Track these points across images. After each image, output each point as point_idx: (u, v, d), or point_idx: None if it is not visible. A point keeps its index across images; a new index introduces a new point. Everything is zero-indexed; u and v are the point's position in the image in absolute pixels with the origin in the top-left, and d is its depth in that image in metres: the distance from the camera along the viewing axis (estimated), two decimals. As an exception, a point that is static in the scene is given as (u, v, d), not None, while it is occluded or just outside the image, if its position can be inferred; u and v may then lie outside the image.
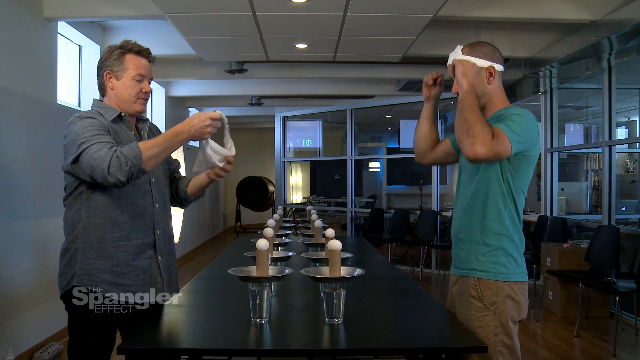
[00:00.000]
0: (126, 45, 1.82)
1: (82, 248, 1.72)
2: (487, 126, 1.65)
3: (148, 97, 1.88)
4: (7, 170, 3.38)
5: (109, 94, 1.84)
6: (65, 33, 4.38)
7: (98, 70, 1.85)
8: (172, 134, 1.69)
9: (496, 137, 1.64)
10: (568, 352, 3.91)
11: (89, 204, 1.73)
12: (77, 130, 1.67)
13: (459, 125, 1.69)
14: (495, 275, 1.72)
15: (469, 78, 1.75)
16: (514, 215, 1.76)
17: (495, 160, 1.69)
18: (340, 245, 1.61)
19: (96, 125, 1.70)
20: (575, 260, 4.68)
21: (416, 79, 6.15)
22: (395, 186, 11.49)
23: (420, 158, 2.04)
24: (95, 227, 1.72)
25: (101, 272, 1.71)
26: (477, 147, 1.62)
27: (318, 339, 1.58)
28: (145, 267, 1.80)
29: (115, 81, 1.82)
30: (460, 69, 1.78)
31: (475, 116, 1.67)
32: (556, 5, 4.02)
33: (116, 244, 1.73)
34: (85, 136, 1.65)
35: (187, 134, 1.68)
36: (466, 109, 1.70)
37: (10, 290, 3.42)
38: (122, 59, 1.81)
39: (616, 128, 5.43)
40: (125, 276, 1.74)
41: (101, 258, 1.72)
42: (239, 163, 13.67)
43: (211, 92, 7.14)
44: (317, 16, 3.75)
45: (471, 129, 1.65)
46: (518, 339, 1.75)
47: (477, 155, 1.63)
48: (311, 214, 2.98)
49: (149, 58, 1.87)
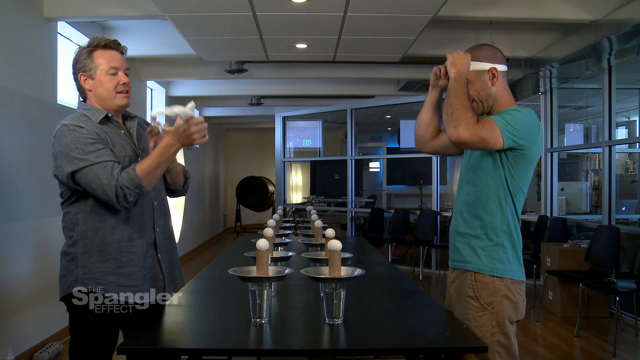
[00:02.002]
0: (92, 42, 1.79)
1: (83, 253, 1.71)
2: (471, 112, 1.67)
3: (128, 89, 1.83)
4: (7, 170, 3.38)
5: (89, 95, 1.81)
6: (65, 33, 4.38)
7: (73, 75, 1.82)
8: (163, 149, 1.70)
9: (482, 123, 1.66)
10: (568, 352, 3.91)
11: (86, 209, 1.73)
12: (69, 144, 1.66)
13: (445, 110, 1.71)
14: (493, 270, 1.73)
15: (457, 67, 1.76)
16: (514, 213, 1.77)
17: (483, 147, 1.69)
18: (340, 245, 1.61)
19: (89, 137, 1.68)
20: (575, 260, 4.68)
21: (416, 79, 6.15)
22: (395, 186, 11.49)
23: (421, 145, 2.01)
24: (95, 232, 1.72)
25: (106, 274, 1.71)
26: (459, 130, 1.64)
27: (318, 339, 1.58)
28: (149, 266, 1.80)
29: (91, 81, 1.78)
30: (450, 59, 1.78)
31: (460, 102, 1.69)
32: (556, 5, 4.02)
33: (119, 245, 1.73)
34: (80, 151, 1.65)
35: (176, 145, 1.71)
36: (452, 94, 1.72)
37: (11, 290, 3.42)
38: (91, 57, 1.77)
39: (616, 128, 5.43)
40: (131, 277, 1.74)
41: (104, 261, 1.71)
42: (239, 163, 13.68)
43: (211, 92, 7.14)
44: (317, 16, 3.75)
45: (455, 113, 1.67)
46: (516, 339, 1.75)
47: (459, 137, 1.64)
48: (311, 214, 2.98)
49: (119, 49, 1.83)
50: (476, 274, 1.75)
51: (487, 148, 1.69)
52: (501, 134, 1.65)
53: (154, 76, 6.16)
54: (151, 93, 6.86)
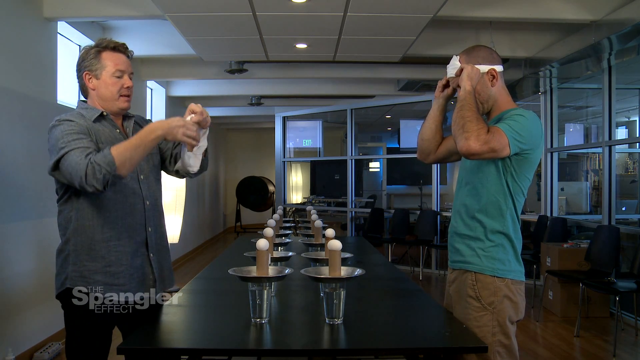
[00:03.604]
0: (101, 43, 1.80)
1: (74, 250, 1.72)
2: (482, 123, 1.68)
3: (130, 93, 1.85)
4: (7, 170, 3.38)
5: (91, 94, 1.82)
6: (65, 33, 4.38)
7: (77, 72, 1.83)
8: (145, 132, 1.67)
9: (491, 133, 1.67)
10: (568, 352, 3.91)
11: (78, 206, 1.73)
12: (57, 135, 1.67)
13: (456, 122, 1.72)
14: (493, 271, 1.73)
15: (473, 81, 1.78)
16: (514, 214, 1.77)
17: (492, 156, 1.70)
18: (340, 245, 1.61)
19: (75, 128, 1.68)
20: (575, 260, 4.68)
21: (416, 79, 6.15)
22: (395, 186, 11.49)
23: (424, 157, 2.03)
24: (85, 229, 1.72)
25: (94, 273, 1.71)
26: (470, 141, 1.65)
27: (318, 339, 1.58)
28: (138, 266, 1.79)
29: (95, 81, 1.79)
30: (467, 71, 1.79)
31: (472, 114, 1.70)
32: (556, 5, 4.02)
33: (107, 244, 1.73)
34: (64, 141, 1.64)
35: (162, 130, 1.67)
36: (465, 107, 1.72)
37: (10, 290, 3.42)
38: (99, 57, 1.78)
39: (616, 128, 5.43)
40: (118, 276, 1.74)
41: (93, 259, 1.71)
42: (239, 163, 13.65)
43: (211, 92, 7.14)
44: (317, 16, 3.75)
45: (466, 125, 1.68)
46: (516, 339, 1.76)
47: (470, 149, 1.65)
48: (311, 214, 2.98)
49: (127, 53, 1.84)
50: (477, 274, 1.75)
51: (496, 157, 1.71)
52: (508, 142, 1.67)
53: (154, 76, 6.16)
54: (151, 93, 6.86)
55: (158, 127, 1.67)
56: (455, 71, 1.84)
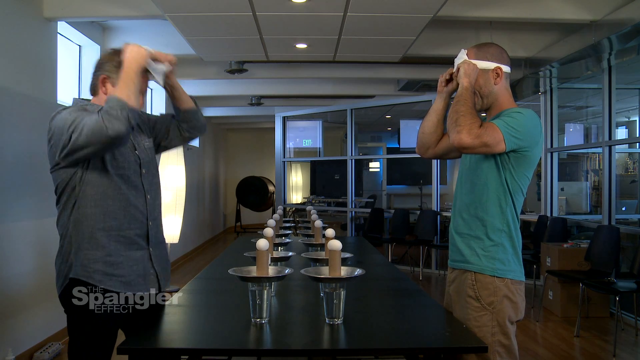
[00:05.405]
0: None
1: (75, 240, 1.73)
2: (476, 118, 1.70)
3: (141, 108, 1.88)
4: (7, 170, 3.38)
5: (101, 97, 1.84)
6: (65, 33, 4.38)
7: (95, 70, 1.85)
8: (125, 73, 1.72)
9: (484, 128, 1.68)
10: (568, 352, 3.91)
11: (80, 196, 1.74)
12: (63, 117, 1.70)
13: (451, 116, 1.73)
14: (493, 271, 1.73)
15: (470, 78, 1.79)
16: (513, 213, 1.77)
17: (486, 151, 1.70)
18: (340, 245, 1.61)
19: (77, 110, 1.73)
20: (575, 260, 4.68)
21: (416, 79, 6.15)
22: (395, 186, 11.49)
23: (422, 151, 2.01)
24: (86, 217, 1.73)
25: (94, 262, 1.71)
26: (462, 134, 1.66)
27: (318, 339, 1.58)
28: (138, 258, 1.80)
29: (111, 87, 1.81)
30: (465, 68, 1.80)
31: (467, 109, 1.71)
32: (556, 5, 4.02)
33: (108, 233, 1.74)
34: (71, 118, 1.67)
35: (132, 62, 1.74)
36: (460, 102, 1.74)
37: (10, 290, 3.42)
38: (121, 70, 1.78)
39: (616, 128, 5.43)
40: (118, 266, 1.74)
41: (94, 248, 1.72)
42: (239, 163, 13.65)
43: (211, 92, 7.14)
44: (317, 16, 3.75)
45: (459, 119, 1.69)
46: (515, 339, 1.76)
47: (462, 142, 1.67)
48: (311, 214, 2.98)
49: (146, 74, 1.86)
50: (476, 274, 1.75)
51: (490, 152, 1.70)
52: (503, 137, 1.67)
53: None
54: (151, 93, 6.86)
55: (129, 64, 1.73)
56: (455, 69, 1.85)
